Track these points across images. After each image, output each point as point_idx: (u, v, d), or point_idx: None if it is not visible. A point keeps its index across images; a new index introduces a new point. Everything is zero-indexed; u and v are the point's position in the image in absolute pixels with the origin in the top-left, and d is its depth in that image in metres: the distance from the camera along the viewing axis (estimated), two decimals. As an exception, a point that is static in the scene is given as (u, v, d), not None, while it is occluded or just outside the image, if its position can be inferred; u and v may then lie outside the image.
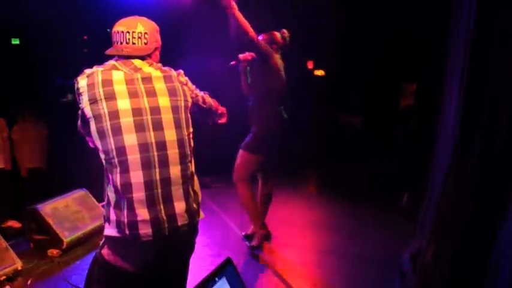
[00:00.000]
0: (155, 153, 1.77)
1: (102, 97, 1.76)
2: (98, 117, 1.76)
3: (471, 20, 2.55)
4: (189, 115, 1.95)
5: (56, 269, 3.77)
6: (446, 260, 2.58)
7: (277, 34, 4.06)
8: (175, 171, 1.81)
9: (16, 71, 7.38)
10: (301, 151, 7.15)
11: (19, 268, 3.59)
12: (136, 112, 1.78)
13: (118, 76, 1.83)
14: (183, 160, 1.85)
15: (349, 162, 7.74)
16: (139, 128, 1.77)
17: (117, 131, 1.74)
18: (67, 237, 4.04)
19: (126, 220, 1.73)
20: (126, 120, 1.76)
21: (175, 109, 1.87)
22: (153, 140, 1.78)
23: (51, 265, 3.83)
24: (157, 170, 1.76)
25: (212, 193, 6.06)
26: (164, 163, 1.78)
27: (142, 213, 1.73)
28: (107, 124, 1.74)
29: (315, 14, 7.66)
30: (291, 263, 3.88)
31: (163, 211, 1.76)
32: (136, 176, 1.73)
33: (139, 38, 1.93)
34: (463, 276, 2.48)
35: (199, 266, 3.73)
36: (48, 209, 4.13)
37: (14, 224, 5.92)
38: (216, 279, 1.55)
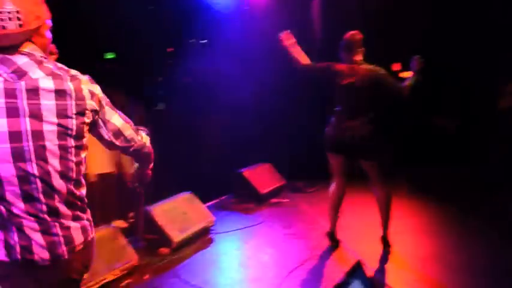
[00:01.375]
0: (39, 185, 1.50)
1: None
2: None
3: None
4: (83, 139, 1.62)
5: (168, 266, 4.04)
6: None
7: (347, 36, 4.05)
8: (52, 203, 1.57)
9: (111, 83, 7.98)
10: (393, 156, 6.99)
11: (136, 264, 3.89)
12: (15, 136, 1.44)
13: None
14: (60, 193, 1.59)
15: (444, 166, 7.45)
16: (18, 157, 1.45)
17: None
18: (177, 237, 4.30)
19: (13, 244, 1.52)
20: (2, 147, 1.43)
21: (63, 136, 1.53)
22: (35, 172, 1.49)
23: (163, 263, 4.10)
24: (38, 199, 1.52)
25: (305, 197, 6.13)
26: (46, 192, 1.54)
27: (35, 239, 1.54)
28: None
29: (399, 11, 7.49)
30: (392, 268, 3.84)
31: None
32: (20, 207, 1.49)
33: (10, 19, 1.44)
34: None
35: (300, 268, 3.83)
36: (158, 210, 4.43)
37: (120, 224, 6.39)
38: (350, 280, 1.61)
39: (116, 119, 1.75)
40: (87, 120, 1.60)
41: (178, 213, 4.55)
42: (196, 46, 10.96)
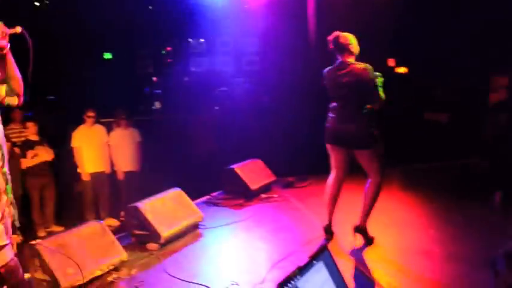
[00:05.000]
0: None
1: None
2: None
3: None
4: None
5: (156, 261, 4.08)
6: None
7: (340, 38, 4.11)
8: None
9: (110, 83, 8.04)
10: (385, 150, 7.03)
11: (124, 259, 3.93)
12: None
13: None
14: None
15: (436, 161, 7.49)
16: None
17: None
18: (165, 232, 4.33)
19: None
20: None
21: None
22: None
23: (151, 258, 4.14)
24: None
25: (295, 192, 6.16)
26: None
27: None
28: None
29: (393, 9, 7.55)
30: (377, 260, 3.88)
31: None
32: None
33: None
34: None
35: (289, 261, 3.87)
36: (147, 206, 4.47)
37: (112, 222, 6.45)
38: (314, 262, 1.64)
39: None
40: None
41: (166, 209, 4.59)
42: (193, 46, 11.04)
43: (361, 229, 4.24)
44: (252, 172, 6.04)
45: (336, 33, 4.13)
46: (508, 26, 6.87)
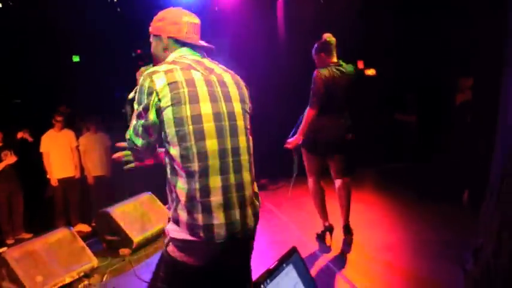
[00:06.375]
0: (231, 159, 1.76)
1: (187, 99, 1.70)
2: (179, 120, 1.69)
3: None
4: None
5: (128, 266, 4.05)
6: (505, 258, 2.55)
7: (325, 38, 4.07)
8: (246, 176, 1.81)
9: (79, 86, 7.88)
10: (356, 152, 7.14)
11: (95, 266, 3.88)
12: (217, 117, 1.75)
13: (198, 77, 1.78)
14: (250, 166, 1.85)
15: (406, 162, 7.65)
16: (220, 134, 1.74)
17: (200, 135, 1.71)
18: (136, 237, 4.30)
19: (201, 223, 1.69)
20: (209, 125, 1.72)
21: (244, 116, 1.87)
22: (230, 146, 1.76)
23: (123, 263, 4.10)
24: (232, 175, 1.75)
25: (269, 195, 6.19)
26: (239, 169, 1.78)
27: (219, 217, 1.70)
28: (190, 128, 1.69)
29: (364, 12, 7.68)
30: (348, 258, 3.95)
31: (237, 215, 1.75)
32: (215, 181, 1.71)
33: (199, 31, 1.98)
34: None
35: (259, 263, 3.88)
36: (118, 211, 4.43)
37: (83, 228, 6.33)
38: (284, 265, 1.67)
39: None
40: None
41: (138, 213, 4.56)
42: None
43: (346, 228, 4.26)
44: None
45: (327, 34, 4.06)
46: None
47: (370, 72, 10.01)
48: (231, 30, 7.99)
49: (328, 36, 4.04)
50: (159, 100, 1.69)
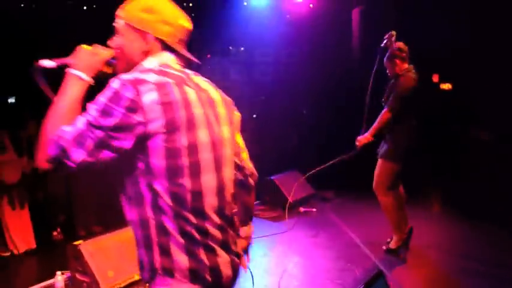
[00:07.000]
0: (226, 195, 1.50)
1: (185, 125, 1.35)
2: (172, 151, 1.33)
3: None
4: None
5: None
6: None
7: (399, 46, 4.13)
8: (233, 209, 1.56)
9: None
10: (427, 168, 6.85)
11: None
12: (213, 147, 1.44)
13: (192, 96, 1.42)
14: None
15: (479, 180, 7.21)
16: (217, 166, 1.45)
17: (196, 170, 1.38)
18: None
19: (208, 264, 1.39)
20: (206, 157, 1.41)
21: (232, 142, 1.59)
22: (225, 180, 1.50)
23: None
24: (226, 211, 1.50)
25: (333, 207, 6.07)
26: (230, 203, 1.52)
27: (223, 256, 1.45)
28: (185, 161, 1.35)
29: (439, 24, 7.39)
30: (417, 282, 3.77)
31: (234, 250, 1.52)
32: (214, 220, 1.43)
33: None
34: None
35: (325, 277, 3.81)
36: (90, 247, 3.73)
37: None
38: (370, 290, 1.60)
39: None
40: None
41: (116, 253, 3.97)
42: (233, 53, 11.09)
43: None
44: (291, 184, 5.98)
45: (400, 43, 4.13)
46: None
47: (446, 86, 9.64)
48: (302, 39, 7.96)
49: (401, 44, 4.12)
50: (145, 123, 1.29)
